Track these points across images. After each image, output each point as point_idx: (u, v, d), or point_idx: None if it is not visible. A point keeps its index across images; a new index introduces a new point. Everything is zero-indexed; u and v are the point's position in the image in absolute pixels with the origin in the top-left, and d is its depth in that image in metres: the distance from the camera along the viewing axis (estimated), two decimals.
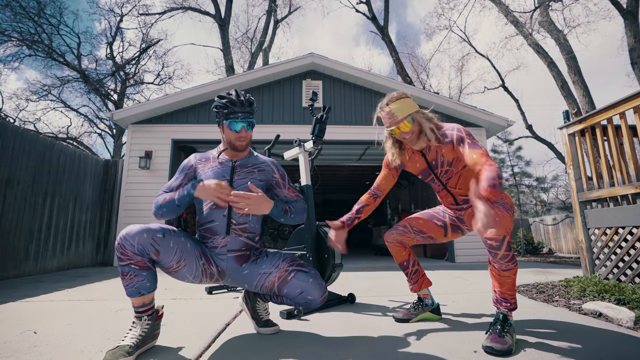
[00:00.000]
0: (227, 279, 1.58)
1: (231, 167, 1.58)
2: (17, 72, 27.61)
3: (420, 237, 1.87)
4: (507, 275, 1.45)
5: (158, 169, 5.78)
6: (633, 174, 2.63)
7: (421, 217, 1.90)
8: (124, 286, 1.32)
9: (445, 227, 1.85)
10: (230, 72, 14.84)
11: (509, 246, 1.42)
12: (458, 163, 1.64)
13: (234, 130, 1.52)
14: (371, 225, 10.84)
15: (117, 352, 1.24)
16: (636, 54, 8.67)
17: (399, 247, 1.89)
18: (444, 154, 1.63)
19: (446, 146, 1.60)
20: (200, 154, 1.64)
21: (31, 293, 2.79)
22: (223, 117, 1.53)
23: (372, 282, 3.38)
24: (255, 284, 1.54)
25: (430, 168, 1.71)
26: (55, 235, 4.67)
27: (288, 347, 1.42)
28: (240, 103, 1.52)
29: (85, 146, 17.45)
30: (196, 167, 1.59)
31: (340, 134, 6.16)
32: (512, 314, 1.50)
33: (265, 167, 1.64)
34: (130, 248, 1.28)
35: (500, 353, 1.29)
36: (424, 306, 1.86)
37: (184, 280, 1.48)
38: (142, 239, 1.30)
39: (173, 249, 1.38)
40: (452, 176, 1.68)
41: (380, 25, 15.08)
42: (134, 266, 1.30)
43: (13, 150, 3.95)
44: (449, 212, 1.88)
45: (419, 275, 1.88)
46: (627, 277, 2.64)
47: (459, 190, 1.73)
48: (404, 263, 1.89)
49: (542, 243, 10.24)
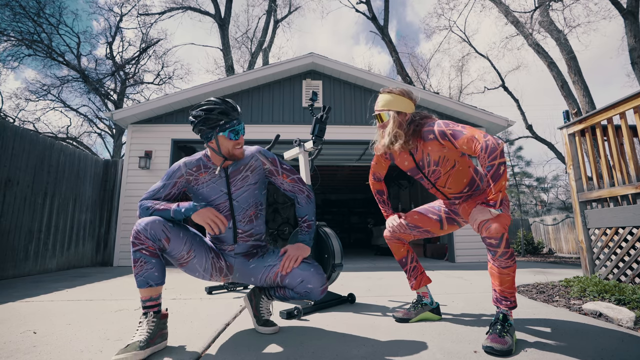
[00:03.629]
0: (235, 274, 1.63)
1: (225, 179, 1.56)
2: (15, 72, 27.60)
3: (416, 232, 1.89)
4: (506, 272, 1.47)
5: (158, 169, 5.77)
6: (633, 174, 2.63)
7: (416, 213, 1.92)
8: (135, 275, 1.37)
9: (441, 220, 1.87)
10: (230, 72, 14.84)
11: (507, 243, 1.45)
12: (445, 163, 1.64)
13: (235, 139, 1.50)
14: (371, 225, 10.84)
15: (129, 348, 1.25)
16: (636, 54, 8.67)
17: (397, 243, 1.91)
18: (429, 153, 1.63)
19: (431, 143, 1.59)
20: (189, 161, 1.57)
21: (31, 293, 2.79)
22: (217, 129, 1.47)
23: (372, 282, 3.38)
24: (261, 277, 1.59)
25: (418, 168, 1.72)
26: (55, 235, 4.67)
27: (288, 347, 1.42)
28: (232, 109, 1.51)
29: (85, 146, 17.45)
30: (187, 178, 1.55)
31: (340, 134, 6.16)
32: (512, 314, 1.50)
33: (254, 163, 1.60)
34: (143, 232, 1.34)
35: (500, 353, 1.30)
36: (423, 305, 1.86)
37: (194, 274, 1.52)
38: (155, 225, 1.36)
39: (183, 239, 1.44)
40: (441, 176, 1.69)
41: (380, 25, 15.08)
42: (144, 252, 1.35)
43: (13, 150, 3.94)
44: (444, 206, 1.90)
45: (417, 272, 1.90)
46: (627, 277, 2.64)
47: (449, 189, 1.74)
48: (402, 260, 1.91)
49: (542, 243, 10.24)
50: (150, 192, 1.52)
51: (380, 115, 1.69)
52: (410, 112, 1.67)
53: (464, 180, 1.70)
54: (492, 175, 1.36)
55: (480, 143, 1.39)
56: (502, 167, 1.36)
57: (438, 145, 1.58)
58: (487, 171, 1.37)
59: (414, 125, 1.63)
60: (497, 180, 1.36)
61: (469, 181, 1.70)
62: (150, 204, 1.45)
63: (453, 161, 1.64)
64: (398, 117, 1.64)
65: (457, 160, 1.65)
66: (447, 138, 1.51)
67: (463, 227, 5.80)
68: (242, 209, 1.59)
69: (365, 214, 14.59)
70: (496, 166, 1.35)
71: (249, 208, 1.61)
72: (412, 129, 1.62)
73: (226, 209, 1.57)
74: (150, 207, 1.44)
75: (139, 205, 1.46)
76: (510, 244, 1.50)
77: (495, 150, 1.36)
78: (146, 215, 1.43)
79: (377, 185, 1.99)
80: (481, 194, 1.73)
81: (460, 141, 1.47)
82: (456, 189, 1.72)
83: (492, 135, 1.43)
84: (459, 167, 1.66)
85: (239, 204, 1.58)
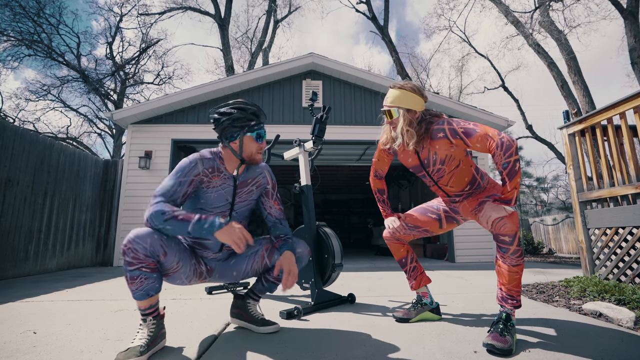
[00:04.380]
0: (215, 275, 1.61)
1: (233, 188, 1.53)
2: (15, 72, 27.61)
3: (416, 232, 1.89)
4: (515, 271, 1.48)
5: (158, 169, 5.77)
6: (633, 174, 2.63)
7: (415, 213, 1.92)
8: (133, 290, 1.29)
9: (440, 219, 1.87)
10: (230, 72, 14.83)
11: (519, 241, 1.47)
12: (451, 162, 1.63)
13: (260, 141, 1.50)
14: (371, 225, 10.84)
15: (129, 353, 1.23)
16: (636, 54, 8.67)
17: (397, 243, 1.91)
18: (437, 151, 1.60)
19: (439, 141, 1.57)
20: (205, 159, 1.47)
21: (31, 293, 2.79)
22: (246, 129, 1.46)
23: (372, 282, 3.37)
24: (245, 268, 1.60)
25: (422, 166, 1.71)
26: (55, 235, 4.67)
27: (288, 346, 1.42)
28: (262, 112, 1.52)
29: (85, 146, 17.44)
30: (202, 178, 1.45)
31: (340, 134, 6.16)
32: (515, 313, 1.50)
33: (262, 180, 1.63)
34: (142, 250, 1.25)
35: (501, 352, 1.30)
36: (423, 305, 1.85)
37: (175, 282, 1.46)
38: (153, 240, 1.27)
39: (175, 250, 1.38)
40: (444, 175, 1.68)
41: (380, 25, 15.07)
42: (145, 269, 1.27)
43: (13, 150, 3.94)
44: (443, 205, 1.89)
45: (417, 272, 1.89)
46: (627, 277, 2.64)
47: (451, 188, 1.73)
48: (402, 260, 1.91)
49: (542, 243, 10.24)
50: (166, 191, 1.34)
51: (389, 112, 1.63)
52: (421, 111, 1.62)
53: (465, 179, 1.69)
54: (508, 173, 1.37)
55: (495, 141, 1.39)
56: (517, 164, 1.38)
57: (447, 144, 1.56)
58: (502, 168, 1.38)
59: (425, 124, 1.59)
60: (513, 177, 1.37)
61: (470, 180, 1.70)
62: (167, 209, 1.27)
63: (458, 160, 1.64)
64: (408, 115, 1.59)
65: (461, 160, 1.65)
66: (458, 136, 1.49)
67: (463, 227, 5.81)
68: (237, 220, 1.58)
69: (365, 214, 14.59)
70: (512, 163, 1.36)
71: (243, 220, 1.62)
72: (424, 128, 1.58)
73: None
74: (167, 214, 1.25)
75: (154, 208, 1.27)
76: (521, 242, 1.51)
77: (511, 148, 1.36)
78: (160, 221, 1.25)
79: (379, 183, 1.97)
80: (482, 192, 1.73)
81: (473, 139, 1.45)
82: (458, 188, 1.72)
83: (505, 133, 1.43)
84: (463, 166, 1.66)
85: (237, 215, 1.57)
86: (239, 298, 1.73)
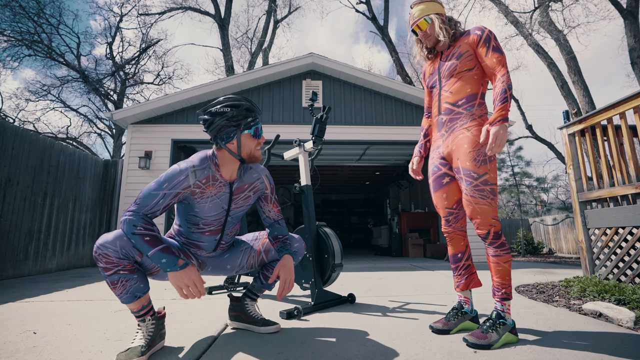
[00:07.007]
0: (207, 268, 1.61)
1: (229, 195, 1.46)
2: (14, 72, 27.60)
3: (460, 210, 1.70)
4: (496, 262, 1.52)
5: (158, 169, 5.77)
6: (633, 174, 2.63)
7: (437, 195, 1.72)
8: (118, 295, 1.26)
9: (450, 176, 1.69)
10: (230, 72, 14.84)
11: (496, 235, 1.52)
12: (465, 61, 1.64)
13: (258, 136, 1.43)
14: (371, 225, 10.84)
15: (130, 353, 1.23)
16: (636, 54, 8.67)
17: (460, 235, 1.72)
18: (460, 46, 1.67)
19: (468, 38, 1.65)
20: (199, 170, 1.36)
21: (31, 293, 2.79)
22: (242, 127, 1.38)
23: (372, 282, 3.37)
24: (239, 262, 1.60)
25: (439, 69, 1.75)
26: (55, 236, 4.67)
27: (288, 346, 1.42)
28: (255, 106, 1.43)
29: (84, 146, 17.45)
30: (193, 190, 1.36)
31: (340, 134, 6.16)
32: (510, 311, 1.50)
33: (259, 185, 1.57)
34: (114, 254, 1.22)
35: (474, 346, 1.38)
36: (463, 314, 1.67)
37: (164, 279, 1.44)
38: (123, 242, 1.24)
39: None
40: (454, 74, 1.66)
41: (380, 25, 15.07)
42: (122, 272, 1.25)
43: (12, 150, 3.94)
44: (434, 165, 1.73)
45: (470, 271, 1.71)
46: (627, 277, 2.64)
47: (449, 95, 1.66)
48: (458, 255, 1.72)
49: (542, 243, 10.24)
50: (145, 203, 1.25)
51: (419, 25, 1.72)
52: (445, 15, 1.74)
53: (467, 90, 1.63)
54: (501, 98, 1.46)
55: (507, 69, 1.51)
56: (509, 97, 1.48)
57: (471, 46, 1.64)
58: (499, 91, 1.47)
59: (452, 23, 1.71)
60: (503, 103, 1.45)
61: (470, 93, 1.62)
62: (140, 226, 1.21)
63: (473, 64, 1.64)
64: (440, 17, 1.70)
65: (476, 65, 1.64)
66: (487, 44, 1.58)
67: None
68: (233, 224, 1.56)
69: (365, 214, 14.60)
70: (508, 92, 1.46)
71: (238, 222, 1.60)
72: (454, 22, 1.71)
73: (219, 224, 1.49)
74: (137, 233, 1.20)
75: (127, 219, 1.21)
76: (500, 234, 1.53)
77: (511, 86, 1.48)
78: (129, 232, 1.20)
79: (429, 121, 1.89)
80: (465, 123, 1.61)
81: (495, 54, 1.55)
82: (454, 98, 1.64)
83: None
84: (474, 74, 1.63)
85: (232, 219, 1.54)
86: (235, 300, 1.71)
